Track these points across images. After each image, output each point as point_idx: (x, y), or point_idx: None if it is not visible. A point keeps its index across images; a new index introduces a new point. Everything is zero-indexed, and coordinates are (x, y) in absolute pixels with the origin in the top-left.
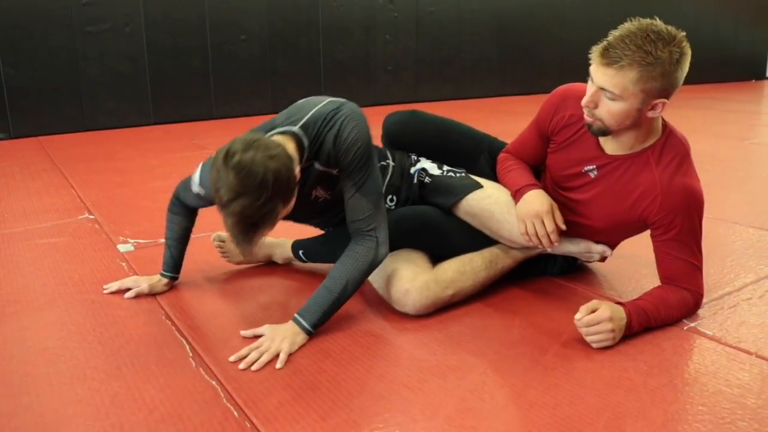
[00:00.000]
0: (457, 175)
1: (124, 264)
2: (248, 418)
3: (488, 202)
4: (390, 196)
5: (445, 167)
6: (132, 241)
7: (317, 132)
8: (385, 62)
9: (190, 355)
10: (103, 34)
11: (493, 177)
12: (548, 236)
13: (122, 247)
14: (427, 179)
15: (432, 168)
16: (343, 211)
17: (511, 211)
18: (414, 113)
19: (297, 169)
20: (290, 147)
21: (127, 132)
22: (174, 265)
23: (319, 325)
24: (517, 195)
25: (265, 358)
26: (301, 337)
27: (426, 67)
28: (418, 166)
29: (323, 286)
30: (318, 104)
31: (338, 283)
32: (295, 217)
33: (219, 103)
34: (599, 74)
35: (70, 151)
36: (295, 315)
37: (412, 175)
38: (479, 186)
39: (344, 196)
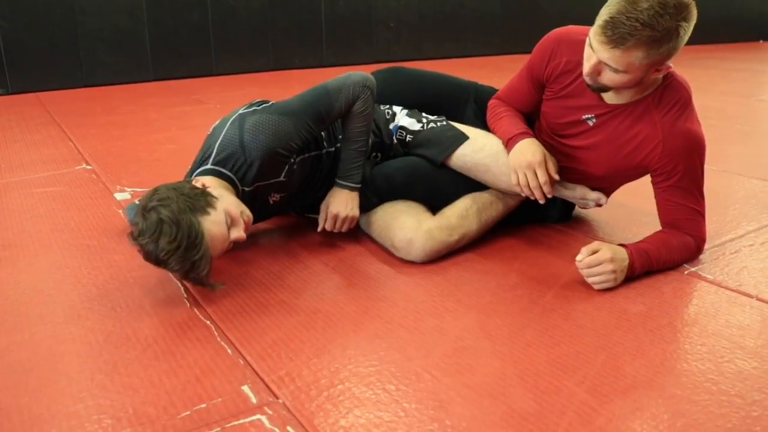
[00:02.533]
0: (439, 125)
1: (120, 211)
2: (242, 355)
3: (482, 155)
4: (374, 153)
5: (424, 119)
6: (129, 189)
7: (239, 165)
8: (387, 18)
9: (185, 296)
10: None
11: (481, 125)
12: (541, 188)
13: (119, 195)
14: (408, 137)
15: (411, 124)
16: (306, 193)
17: (507, 163)
18: (395, 71)
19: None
20: (211, 182)
21: (127, 88)
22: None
23: (361, 180)
24: (509, 144)
25: (345, 227)
26: (356, 195)
27: (429, 24)
28: (397, 122)
29: (347, 149)
30: (221, 134)
31: (359, 140)
32: (264, 216)
33: (219, 59)
34: (603, 52)
35: (69, 106)
36: (338, 182)
37: (392, 131)
38: (466, 137)
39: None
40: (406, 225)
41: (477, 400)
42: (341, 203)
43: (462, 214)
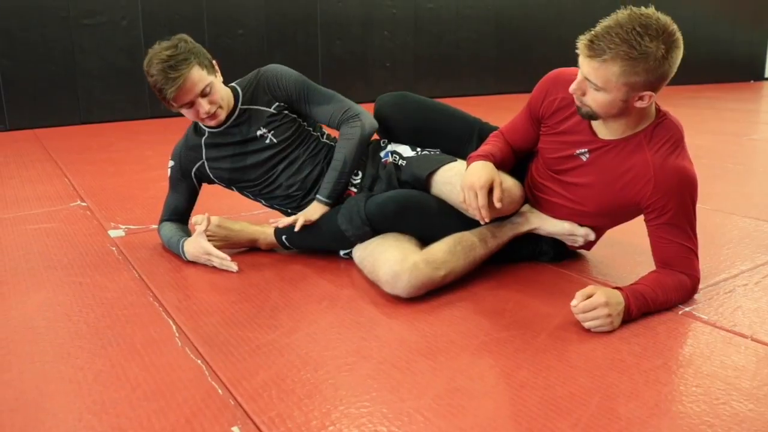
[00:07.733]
0: (432, 152)
1: (114, 248)
2: (232, 396)
3: (451, 174)
4: (355, 171)
5: (419, 148)
6: (123, 226)
7: (248, 83)
8: (383, 58)
9: (177, 335)
10: (100, 27)
11: None
12: (479, 210)
13: (113, 233)
14: (401, 162)
15: (405, 150)
16: (295, 174)
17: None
18: (405, 95)
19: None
20: (227, 91)
21: (124, 125)
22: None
23: (332, 197)
24: (467, 163)
25: (300, 220)
26: (319, 208)
27: (424, 64)
28: (389, 148)
29: (329, 168)
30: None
31: (338, 161)
32: (247, 175)
33: None
34: (584, 65)
35: (66, 143)
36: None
37: (381, 157)
38: (453, 159)
39: (313, 116)
40: (392, 258)
41: None
42: (309, 210)
43: (449, 250)
